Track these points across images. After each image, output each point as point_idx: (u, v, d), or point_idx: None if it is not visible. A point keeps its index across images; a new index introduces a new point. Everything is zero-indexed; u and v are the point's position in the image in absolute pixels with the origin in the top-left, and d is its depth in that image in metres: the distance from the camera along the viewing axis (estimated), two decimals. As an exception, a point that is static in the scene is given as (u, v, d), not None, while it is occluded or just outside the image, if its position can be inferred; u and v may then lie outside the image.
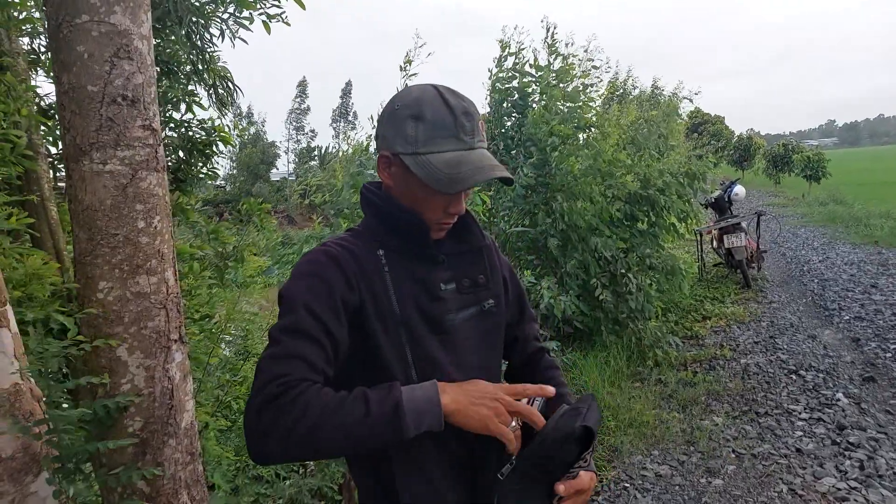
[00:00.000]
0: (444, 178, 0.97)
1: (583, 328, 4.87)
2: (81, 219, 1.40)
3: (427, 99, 1.00)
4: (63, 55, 1.38)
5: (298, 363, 0.90)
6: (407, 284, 1.05)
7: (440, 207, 1.04)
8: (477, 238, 1.16)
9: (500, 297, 1.17)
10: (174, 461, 1.50)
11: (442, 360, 1.05)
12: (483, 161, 0.99)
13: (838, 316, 5.67)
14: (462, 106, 1.00)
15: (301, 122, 40.98)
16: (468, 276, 1.12)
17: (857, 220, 11.85)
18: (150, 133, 1.45)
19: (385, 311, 1.02)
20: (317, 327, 0.94)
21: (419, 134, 0.98)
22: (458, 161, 0.98)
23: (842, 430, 3.35)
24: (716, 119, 35.05)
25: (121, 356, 1.41)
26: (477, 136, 1.01)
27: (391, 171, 1.05)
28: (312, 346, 0.93)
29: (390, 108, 1.04)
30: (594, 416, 0.99)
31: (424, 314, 1.05)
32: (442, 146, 0.98)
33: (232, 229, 3.26)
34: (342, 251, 1.03)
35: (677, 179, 5.22)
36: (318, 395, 0.88)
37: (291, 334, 0.93)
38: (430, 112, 0.98)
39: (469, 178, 0.97)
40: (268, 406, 0.86)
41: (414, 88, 1.04)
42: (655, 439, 3.46)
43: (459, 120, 0.99)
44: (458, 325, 1.09)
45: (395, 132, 1.01)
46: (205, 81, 3.13)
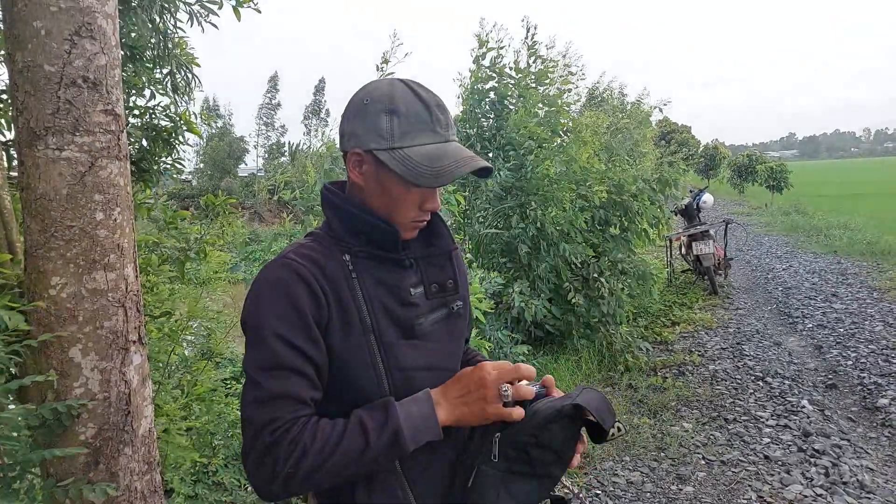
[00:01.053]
0: (426, 171, 0.93)
1: (554, 332, 4.86)
2: (34, 208, 1.29)
3: (399, 93, 0.96)
4: (18, 30, 1.27)
5: (284, 403, 0.89)
6: (376, 290, 1.00)
7: (415, 204, 0.99)
8: (446, 241, 1.11)
9: (466, 298, 1.15)
10: (130, 471, 1.40)
11: (414, 367, 1.01)
12: (461, 153, 0.96)
13: (801, 323, 5.81)
14: (434, 99, 0.97)
15: (271, 117, 40.26)
16: (436, 280, 1.07)
17: (817, 231, 12.23)
18: (112, 118, 1.35)
19: (353, 320, 0.97)
20: (294, 357, 0.91)
21: (395, 128, 0.94)
22: (439, 154, 0.94)
23: (807, 437, 3.40)
24: (683, 129, 35.83)
25: (73, 357, 1.30)
26: (451, 128, 0.99)
27: (362, 170, 0.99)
28: (294, 379, 0.90)
29: (358, 104, 0.98)
30: (590, 397, 0.95)
31: (395, 320, 1.00)
32: (420, 140, 0.95)
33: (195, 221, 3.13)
34: (306, 263, 0.96)
35: (650, 185, 5.27)
36: (313, 435, 0.88)
37: (269, 372, 0.90)
38: (404, 106, 0.95)
39: (452, 170, 0.93)
40: (265, 457, 0.87)
41: (381, 83, 0.99)
42: (626, 445, 3.45)
43: (434, 113, 0.96)
44: (427, 329, 1.04)
45: (366, 128, 0.96)
46: (164, 67, 2.99)
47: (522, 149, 4.81)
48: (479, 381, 0.93)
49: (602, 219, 5.09)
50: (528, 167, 4.84)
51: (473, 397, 0.93)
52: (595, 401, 0.94)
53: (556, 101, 5.28)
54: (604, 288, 4.90)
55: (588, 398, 0.94)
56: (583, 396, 0.94)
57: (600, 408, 0.94)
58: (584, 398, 0.93)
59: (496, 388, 0.92)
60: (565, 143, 5.23)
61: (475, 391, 0.93)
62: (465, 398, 0.94)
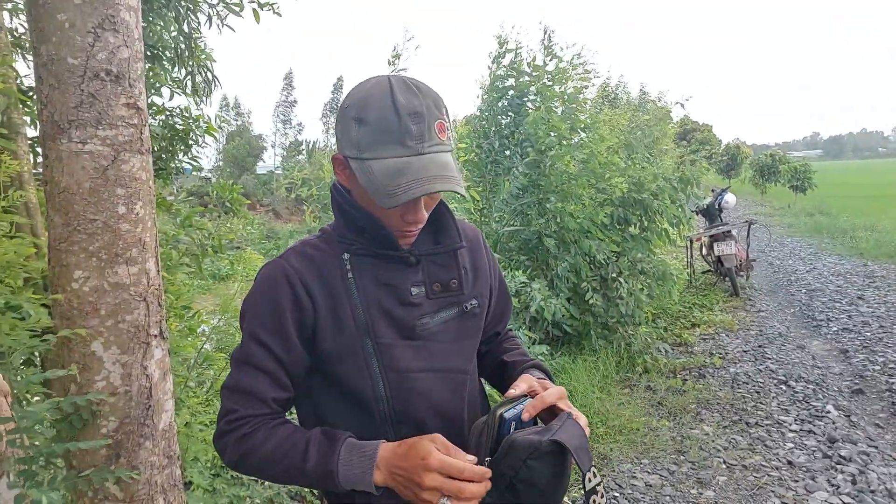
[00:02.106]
0: (381, 189, 0.87)
1: (572, 332, 4.82)
2: (57, 202, 1.30)
3: (374, 96, 0.89)
4: (42, 24, 1.27)
5: (245, 398, 0.95)
6: (374, 289, 0.98)
7: (396, 216, 0.95)
8: (453, 239, 1.06)
9: (484, 297, 1.10)
10: (150, 465, 1.40)
11: (412, 369, 0.98)
12: (430, 171, 0.87)
13: (826, 327, 5.68)
14: (412, 105, 0.87)
15: (288, 115, 40.48)
16: (439, 279, 1.03)
17: (842, 232, 11.98)
18: (134, 112, 1.35)
19: (347, 320, 0.96)
20: (265, 356, 0.95)
21: (362, 137, 0.89)
22: (400, 170, 0.87)
23: (833, 443, 3.32)
24: (704, 127, 35.36)
25: (95, 351, 1.31)
26: (427, 140, 0.88)
27: (347, 174, 0.97)
28: (260, 377, 0.95)
29: (342, 106, 0.95)
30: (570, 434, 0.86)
31: (393, 320, 0.98)
32: (384, 152, 0.88)
33: (211, 217, 3.14)
34: (299, 263, 0.97)
35: (671, 184, 5.19)
36: (264, 441, 0.93)
37: (241, 365, 0.96)
38: (372, 113, 0.88)
39: (405, 192, 0.86)
40: (220, 439, 0.96)
41: (366, 83, 0.94)
42: (645, 447, 3.40)
43: (404, 122, 0.87)
44: (432, 329, 1.01)
45: (342, 133, 0.94)
46: (185, 68, 3.02)
47: (542, 144, 4.77)
48: (416, 474, 0.83)
49: (621, 217, 5.02)
50: (546, 163, 4.80)
51: (405, 483, 0.85)
52: (576, 438, 0.87)
53: (574, 98, 5.24)
54: (622, 288, 4.84)
55: (568, 435, 0.86)
56: (563, 431, 0.86)
57: (579, 448, 0.86)
58: (565, 435, 0.86)
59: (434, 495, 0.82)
60: (584, 139, 5.19)
61: (411, 480, 0.84)
62: (400, 479, 0.85)
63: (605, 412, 3.78)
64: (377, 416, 0.98)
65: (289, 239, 16.19)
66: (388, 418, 0.98)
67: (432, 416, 1.01)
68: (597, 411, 3.79)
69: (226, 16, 2.93)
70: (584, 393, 3.98)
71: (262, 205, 26.77)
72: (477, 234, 1.16)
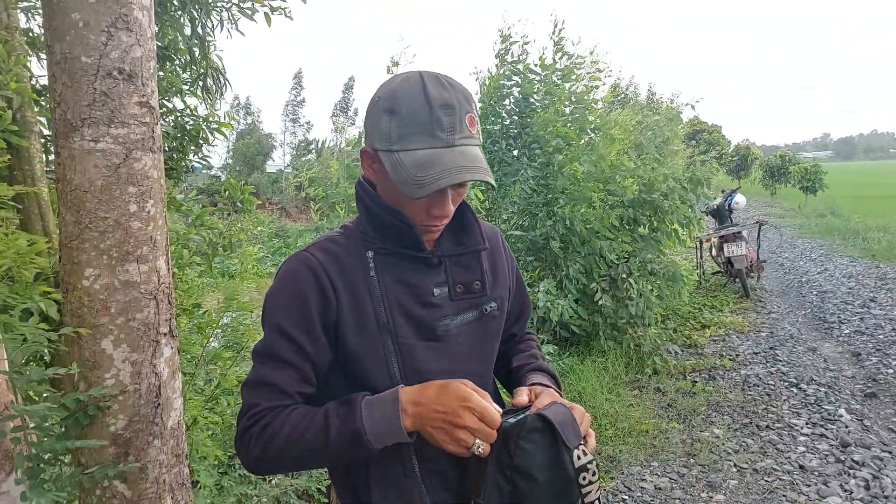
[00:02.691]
0: (410, 180, 0.87)
1: (580, 333, 4.79)
2: (69, 200, 1.30)
3: (405, 90, 0.90)
4: (56, 22, 1.27)
5: (268, 391, 0.93)
6: (396, 289, 0.97)
7: (422, 209, 0.95)
8: (476, 240, 1.05)
9: (503, 299, 1.09)
10: (159, 463, 1.40)
11: (432, 370, 0.97)
12: (458, 161, 0.87)
13: (838, 329, 5.62)
14: (443, 98, 0.88)
15: (297, 114, 40.54)
16: (462, 281, 1.02)
17: (854, 234, 11.85)
18: (147, 111, 1.35)
19: (369, 319, 0.95)
20: (290, 349, 0.92)
21: (392, 129, 0.89)
22: (429, 161, 0.87)
23: (845, 448, 3.28)
24: (713, 128, 35.13)
25: (105, 349, 1.31)
26: (458, 131, 0.89)
27: (375, 168, 0.97)
28: (284, 371, 0.93)
29: (372, 100, 0.95)
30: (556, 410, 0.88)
31: (414, 321, 0.97)
32: (414, 143, 0.88)
33: (221, 216, 3.15)
34: (324, 257, 0.96)
35: (681, 184, 5.15)
36: (283, 424, 0.90)
37: (264, 359, 0.94)
38: (404, 105, 0.88)
39: (434, 181, 0.86)
40: (242, 437, 0.93)
41: (398, 77, 0.94)
42: (655, 450, 3.38)
43: (436, 114, 0.87)
44: (453, 331, 1.00)
45: (372, 126, 0.93)
46: (197, 71, 3.03)
47: (550, 146, 4.74)
48: (454, 413, 0.83)
49: (631, 218, 4.99)
50: (554, 165, 4.77)
51: (440, 423, 0.84)
52: (560, 415, 0.87)
53: (584, 98, 5.20)
54: (632, 289, 4.81)
55: (553, 412, 0.87)
56: (547, 409, 0.88)
57: (564, 423, 0.87)
58: (549, 411, 0.87)
59: (469, 436, 0.83)
60: (593, 140, 5.14)
61: (448, 418, 0.84)
62: (433, 418, 0.85)
63: (614, 414, 3.76)
64: None
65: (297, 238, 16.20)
66: None
67: None
68: (606, 413, 3.77)
69: (238, 19, 2.94)
70: (593, 394, 3.96)
71: (272, 203, 26.89)
72: (496, 234, 1.15)
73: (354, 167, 4.03)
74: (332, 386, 1.01)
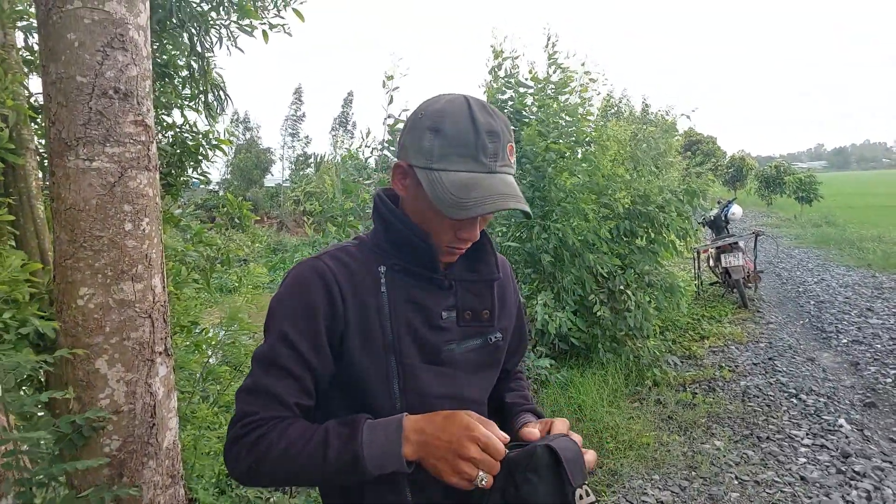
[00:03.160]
0: (450, 200, 0.87)
1: (579, 345, 4.78)
2: (64, 219, 1.30)
3: (452, 111, 0.90)
4: (52, 43, 1.28)
5: (267, 400, 0.89)
6: (405, 307, 0.96)
7: (450, 229, 0.94)
8: (491, 269, 1.05)
9: (507, 330, 1.09)
10: (153, 484, 1.39)
11: (434, 394, 0.96)
12: (499, 188, 0.88)
13: (836, 339, 5.62)
14: (489, 124, 0.89)
15: (296, 129, 40.73)
16: (471, 308, 1.02)
17: (850, 243, 11.89)
18: (142, 129, 1.35)
19: (375, 335, 0.93)
20: (292, 358, 0.90)
21: (435, 148, 0.89)
22: (471, 184, 0.87)
23: (846, 458, 3.26)
24: (708, 139, 35.35)
25: (99, 369, 1.30)
26: (500, 159, 0.90)
27: (406, 183, 0.96)
28: (285, 380, 0.90)
29: (414, 116, 0.95)
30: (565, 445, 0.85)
31: (420, 342, 0.96)
32: (457, 165, 0.88)
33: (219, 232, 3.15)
34: (335, 266, 0.94)
35: (677, 196, 5.17)
36: (280, 436, 0.86)
37: (265, 366, 0.91)
38: (450, 126, 0.89)
39: (476, 206, 0.86)
40: (233, 445, 0.89)
41: (443, 97, 0.94)
42: (656, 463, 3.35)
43: (482, 139, 0.88)
44: (457, 356, 0.99)
45: (412, 142, 0.92)
46: (198, 87, 3.05)
47: (541, 160, 4.76)
48: (458, 443, 0.80)
49: (628, 230, 5.00)
50: (547, 178, 4.79)
51: (443, 453, 0.81)
52: (570, 451, 0.84)
53: (576, 112, 5.23)
54: (630, 301, 4.80)
55: (562, 447, 0.84)
56: (557, 442, 0.85)
57: (572, 461, 0.84)
58: (558, 444, 0.84)
59: (472, 468, 0.80)
60: (588, 153, 5.16)
61: (452, 447, 0.81)
62: (436, 447, 0.82)
63: (614, 427, 3.73)
64: None
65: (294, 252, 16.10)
66: None
67: None
68: (606, 426, 3.74)
69: (237, 36, 2.96)
70: (593, 407, 3.94)
71: (270, 217, 26.90)
72: (507, 266, 1.15)
73: (350, 181, 4.04)
74: (331, 401, 0.99)
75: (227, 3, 2.85)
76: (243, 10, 2.75)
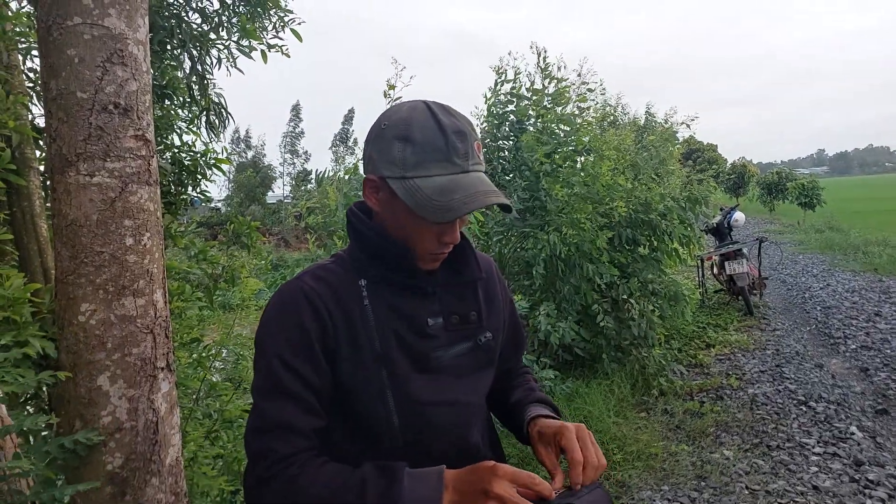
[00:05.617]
0: (433, 205, 0.86)
1: (584, 355, 4.74)
2: (65, 235, 1.29)
3: (416, 118, 0.90)
4: (52, 59, 1.28)
5: (281, 433, 0.87)
6: (390, 318, 0.95)
7: (432, 236, 0.93)
8: (472, 270, 1.04)
9: (498, 330, 1.07)
10: (157, 502, 1.36)
11: (429, 401, 0.95)
12: (477, 186, 0.88)
13: (844, 344, 5.57)
14: (455, 125, 0.89)
15: (295, 145, 40.91)
16: (458, 311, 1.01)
17: (854, 248, 11.84)
18: (142, 143, 1.35)
19: (364, 349, 0.92)
20: (292, 381, 0.88)
21: (407, 156, 0.88)
22: (450, 187, 0.87)
23: (859, 466, 3.22)
24: (709, 147, 35.45)
25: (101, 385, 1.28)
26: (471, 158, 0.90)
27: (378, 197, 0.95)
28: (292, 406, 0.88)
29: (377, 127, 0.94)
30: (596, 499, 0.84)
31: (409, 351, 0.95)
32: (432, 170, 0.88)
33: (223, 249, 3.16)
34: (317, 286, 0.94)
35: (679, 204, 5.16)
36: (312, 481, 0.83)
37: (268, 396, 0.88)
38: (419, 132, 0.88)
39: (461, 206, 0.86)
40: (259, 487, 0.86)
41: (403, 105, 0.94)
42: (665, 473, 3.31)
43: (451, 141, 0.88)
44: (447, 362, 0.98)
45: (381, 154, 0.91)
46: (199, 107, 3.07)
47: (538, 169, 4.77)
48: (488, 473, 0.80)
49: (629, 238, 4.98)
50: (542, 188, 4.79)
51: (473, 493, 0.80)
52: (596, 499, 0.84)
53: (574, 121, 5.26)
54: (634, 309, 4.77)
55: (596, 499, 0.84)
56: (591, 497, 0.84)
57: None
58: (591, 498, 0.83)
59: None
60: (587, 162, 5.17)
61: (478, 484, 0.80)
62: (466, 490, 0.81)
63: (621, 437, 3.69)
64: (388, 447, 0.95)
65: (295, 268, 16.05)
66: (399, 450, 0.95)
67: (445, 449, 0.98)
68: (613, 436, 3.70)
69: (237, 57, 2.98)
70: (600, 417, 3.90)
71: (272, 234, 26.96)
72: (491, 264, 1.14)
73: (352, 196, 4.04)
74: (329, 416, 0.97)
75: (226, 23, 2.87)
76: (245, 31, 2.76)
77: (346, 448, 0.96)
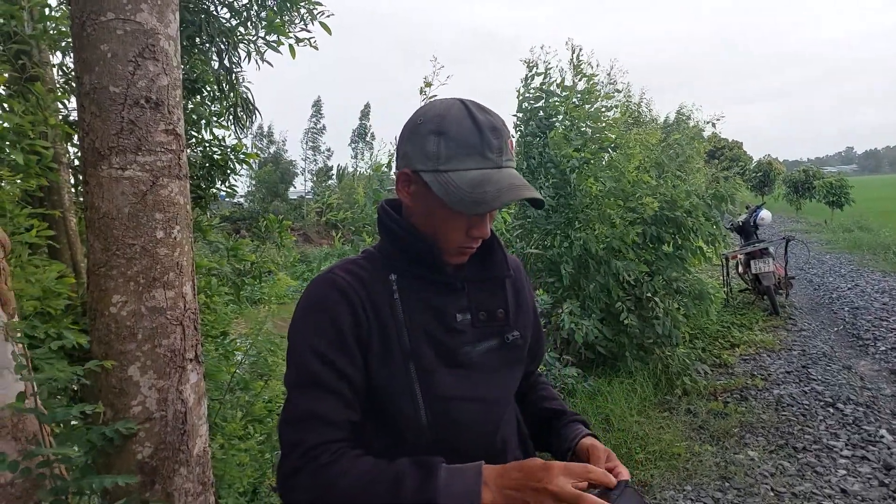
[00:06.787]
0: (466, 198, 0.87)
1: (606, 354, 4.70)
2: (97, 227, 1.31)
3: (452, 114, 0.91)
4: (86, 54, 1.31)
5: (314, 424, 0.87)
6: (419, 313, 0.95)
7: (462, 229, 0.94)
8: (500, 267, 1.04)
9: (526, 329, 1.07)
10: (185, 491, 1.39)
11: (457, 397, 0.95)
12: (510, 181, 0.90)
13: (873, 346, 5.43)
14: (489, 121, 0.91)
15: (317, 141, 41.20)
16: (485, 308, 1.01)
17: (884, 248, 11.53)
18: (173, 138, 1.37)
19: (393, 343, 0.93)
20: (329, 374, 0.88)
21: (441, 150, 0.90)
22: (483, 180, 0.88)
23: (889, 471, 3.14)
24: (734, 144, 34.85)
25: (132, 376, 1.31)
26: (505, 154, 0.92)
27: (411, 190, 0.96)
28: (326, 398, 0.88)
29: (412, 123, 0.95)
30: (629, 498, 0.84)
31: (437, 346, 0.95)
32: (466, 164, 0.89)
33: (251, 246, 3.20)
34: (350, 279, 0.94)
35: (705, 201, 5.08)
36: (345, 472, 0.83)
37: (302, 389, 0.89)
38: (453, 127, 0.90)
39: (494, 199, 0.87)
40: (292, 479, 0.85)
41: (438, 102, 0.95)
42: (688, 473, 3.27)
43: (486, 136, 0.90)
44: (475, 358, 0.98)
45: (415, 148, 0.93)
46: (228, 101, 3.10)
47: (566, 166, 4.73)
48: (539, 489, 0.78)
49: (654, 236, 4.92)
50: (571, 185, 4.76)
51: (523, 490, 0.79)
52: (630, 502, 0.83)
53: (598, 117, 5.22)
54: (658, 308, 4.71)
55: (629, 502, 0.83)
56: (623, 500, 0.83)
57: None
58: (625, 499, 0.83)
59: None
60: (613, 158, 5.12)
61: (530, 482, 0.79)
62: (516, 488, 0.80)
63: (644, 436, 3.66)
64: (416, 443, 0.95)
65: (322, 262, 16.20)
66: (427, 446, 0.94)
67: (472, 445, 0.97)
68: (636, 436, 3.67)
69: (265, 51, 3.00)
70: (622, 416, 3.87)
71: (293, 229, 27.23)
72: (520, 266, 1.15)
73: (379, 191, 4.07)
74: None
75: (254, 18, 2.89)
76: (272, 25, 2.78)
77: (374, 445, 0.96)
